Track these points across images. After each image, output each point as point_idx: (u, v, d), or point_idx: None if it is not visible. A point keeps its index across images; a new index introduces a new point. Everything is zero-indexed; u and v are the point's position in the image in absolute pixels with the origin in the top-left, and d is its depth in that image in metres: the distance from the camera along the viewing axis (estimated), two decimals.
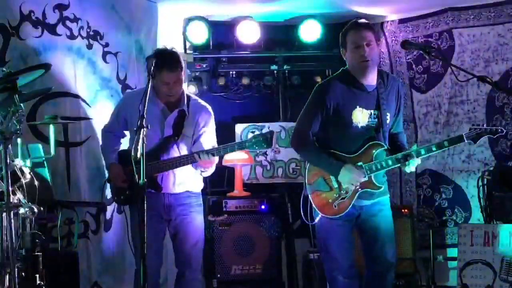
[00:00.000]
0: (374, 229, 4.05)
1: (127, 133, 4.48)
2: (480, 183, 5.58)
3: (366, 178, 3.95)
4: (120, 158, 4.37)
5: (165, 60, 4.15)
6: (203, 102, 4.46)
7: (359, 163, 3.95)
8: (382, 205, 4.08)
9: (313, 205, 4.02)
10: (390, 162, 3.95)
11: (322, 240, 4.12)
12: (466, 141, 3.96)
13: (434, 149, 3.99)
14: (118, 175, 4.30)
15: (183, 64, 4.28)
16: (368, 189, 3.98)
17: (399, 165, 3.97)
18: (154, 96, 4.25)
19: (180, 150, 4.29)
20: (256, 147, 4.18)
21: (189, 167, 4.28)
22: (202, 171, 4.33)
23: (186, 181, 4.33)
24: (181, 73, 4.24)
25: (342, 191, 3.97)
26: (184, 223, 4.29)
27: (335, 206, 3.97)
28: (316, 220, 4.04)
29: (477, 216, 5.82)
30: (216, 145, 4.37)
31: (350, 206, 3.97)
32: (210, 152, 4.17)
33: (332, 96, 3.97)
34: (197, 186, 4.41)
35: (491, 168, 5.65)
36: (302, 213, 4.08)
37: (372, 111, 3.99)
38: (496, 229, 5.13)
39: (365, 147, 3.97)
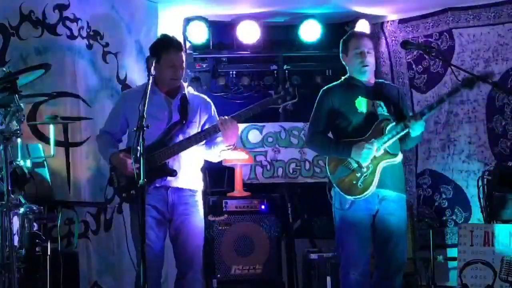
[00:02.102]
0: (389, 229, 4.20)
1: (123, 138, 4.46)
2: (480, 183, 5.58)
3: (382, 151, 4.14)
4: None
5: (171, 41, 4.25)
6: (197, 93, 4.50)
7: (372, 140, 4.15)
8: (400, 204, 4.25)
9: (341, 193, 4.19)
10: (399, 129, 4.16)
11: (341, 233, 4.26)
12: (462, 89, 4.18)
13: (435, 105, 4.24)
14: (124, 160, 4.15)
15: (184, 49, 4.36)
16: (387, 160, 4.15)
17: (408, 130, 4.15)
18: (155, 86, 4.26)
19: (187, 134, 4.26)
20: (280, 101, 4.21)
21: (192, 162, 4.28)
22: (226, 147, 4.27)
23: (190, 176, 4.31)
24: (183, 56, 4.30)
25: (363, 169, 4.15)
26: (186, 223, 4.27)
27: (360, 185, 4.15)
28: (347, 206, 4.18)
29: (477, 216, 5.82)
30: None
31: (377, 183, 4.12)
32: (235, 118, 4.16)
33: (335, 94, 4.32)
34: (198, 185, 4.41)
35: (491, 168, 5.65)
36: (333, 203, 4.27)
37: (375, 101, 4.27)
38: (496, 229, 5.13)
39: (373, 126, 4.20)
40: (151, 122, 3.89)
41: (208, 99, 4.47)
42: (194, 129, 4.29)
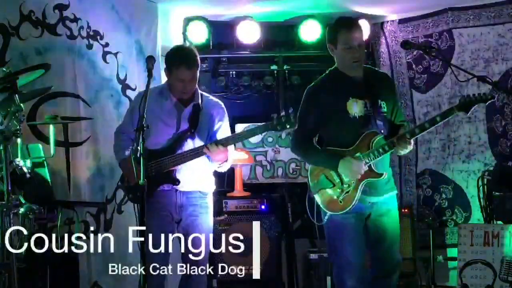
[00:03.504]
0: (382, 229, 4.07)
1: None
2: (480, 183, 5.58)
3: (366, 168, 3.95)
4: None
5: (183, 57, 4.19)
6: (215, 99, 4.47)
7: (357, 154, 3.96)
8: (391, 204, 4.12)
9: (320, 205, 4.05)
10: (386, 148, 3.94)
11: (333, 240, 4.10)
12: (457, 112, 3.92)
13: (427, 126, 3.97)
14: (131, 170, 4.12)
15: (199, 62, 4.28)
16: (370, 179, 3.97)
17: (395, 149, 3.95)
18: (168, 92, 4.28)
19: (195, 144, 4.27)
20: (280, 128, 4.09)
21: (202, 166, 4.28)
22: (218, 166, 4.29)
23: (199, 179, 4.31)
24: (197, 71, 4.25)
25: (344, 185, 3.98)
26: (194, 224, 4.28)
27: (340, 202, 3.98)
28: (325, 219, 4.05)
29: (477, 216, 5.82)
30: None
31: (358, 200, 3.95)
32: (220, 143, 4.13)
33: (323, 95, 4.05)
34: (209, 187, 4.41)
35: (491, 168, 5.65)
36: (309, 214, 4.12)
37: (366, 101, 4.02)
38: (496, 229, 5.13)
39: (360, 138, 3.98)
40: (160, 127, 3.93)
41: (223, 106, 4.43)
42: (202, 138, 4.29)
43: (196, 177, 4.29)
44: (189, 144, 4.26)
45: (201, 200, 4.32)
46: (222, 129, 4.36)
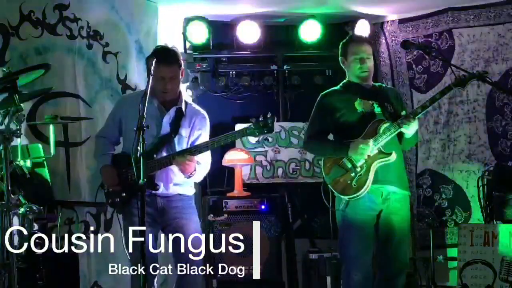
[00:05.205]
0: (391, 229, 4.21)
1: (121, 139, 4.46)
2: (480, 183, 5.58)
3: (376, 150, 4.18)
4: (115, 161, 4.34)
5: (162, 55, 4.18)
6: (198, 107, 4.45)
7: (367, 139, 4.19)
8: (403, 204, 4.27)
9: (336, 194, 4.24)
10: (392, 129, 4.19)
11: (343, 236, 4.26)
12: (454, 88, 4.25)
13: (427, 104, 4.32)
14: (111, 177, 4.26)
15: (182, 62, 4.28)
16: (381, 160, 4.17)
17: (401, 129, 4.20)
18: (151, 95, 4.21)
19: (175, 149, 4.28)
20: (258, 134, 4.14)
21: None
22: (186, 177, 4.25)
23: (179, 183, 4.32)
24: (178, 70, 4.24)
25: (357, 169, 4.18)
26: (180, 224, 4.28)
27: (354, 185, 4.17)
28: (340, 208, 4.23)
29: (477, 216, 5.82)
30: (209, 152, 4.34)
31: (371, 182, 4.14)
32: (187, 152, 4.14)
33: (334, 97, 4.36)
34: (189, 190, 4.40)
35: (491, 168, 5.65)
36: (325, 201, 4.32)
37: (374, 102, 4.31)
38: (496, 229, 5.14)
39: (368, 126, 4.23)
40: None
41: (206, 116, 4.41)
42: (183, 144, 4.29)
43: (174, 181, 4.29)
44: (170, 149, 4.27)
45: (181, 202, 4.33)
46: (201, 139, 4.35)
